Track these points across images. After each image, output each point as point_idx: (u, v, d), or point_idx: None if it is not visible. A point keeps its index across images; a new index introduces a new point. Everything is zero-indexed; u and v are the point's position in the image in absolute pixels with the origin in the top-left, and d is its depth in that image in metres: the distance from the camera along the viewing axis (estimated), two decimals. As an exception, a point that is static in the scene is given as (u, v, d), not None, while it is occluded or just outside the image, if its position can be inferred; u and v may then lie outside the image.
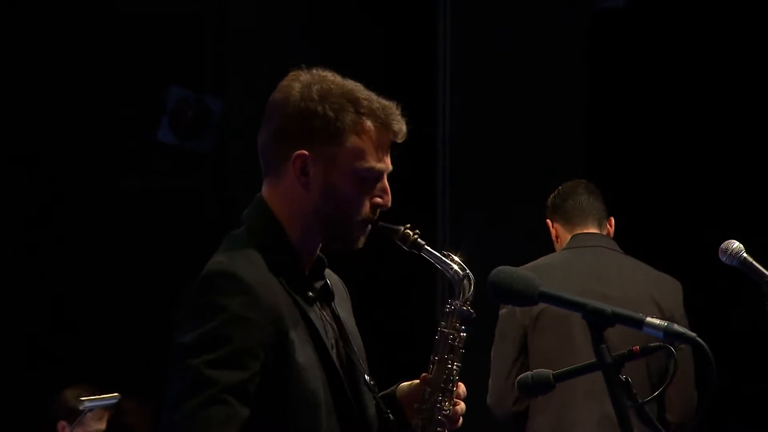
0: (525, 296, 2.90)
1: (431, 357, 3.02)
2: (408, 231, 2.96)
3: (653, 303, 5.33)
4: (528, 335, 5.48)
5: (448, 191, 7.29)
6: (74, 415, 6.77)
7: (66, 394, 6.94)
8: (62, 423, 6.92)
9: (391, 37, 7.93)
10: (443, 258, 3.03)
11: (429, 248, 3.00)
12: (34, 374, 7.74)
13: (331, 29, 8.02)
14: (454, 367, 3.00)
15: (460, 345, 3.02)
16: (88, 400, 6.49)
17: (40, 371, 7.59)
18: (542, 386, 3.24)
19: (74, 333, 8.04)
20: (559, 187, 5.86)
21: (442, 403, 2.97)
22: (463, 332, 3.02)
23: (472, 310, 3.03)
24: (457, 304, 3.02)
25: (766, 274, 3.24)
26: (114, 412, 6.88)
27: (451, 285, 3.06)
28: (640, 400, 2.82)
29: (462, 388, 3.03)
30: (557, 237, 5.78)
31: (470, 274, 3.03)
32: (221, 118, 8.12)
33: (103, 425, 6.94)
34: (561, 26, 7.31)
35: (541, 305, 5.16)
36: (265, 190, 2.98)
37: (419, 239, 2.97)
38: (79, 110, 8.20)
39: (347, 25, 8.02)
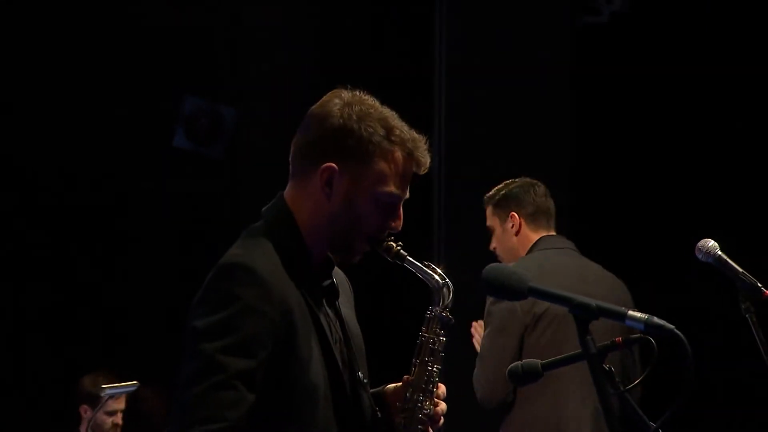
0: (516, 291, 2.93)
1: (413, 360, 3.05)
2: (391, 243, 3.01)
3: (619, 300, 5.21)
4: (526, 333, 5.34)
5: (443, 197, 7.29)
6: (96, 400, 6.83)
7: (87, 381, 7.02)
8: (84, 407, 6.96)
9: (390, 54, 7.93)
10: (424, 268, 3.06)
11: (411, 259, 3.03)
12: (58, 361, 7.73)
13: (335, 40, 8.03)
14: (434, 369, 3.04)
15: (440, 349, 3.05)
16: (109, 388, 6.53)
17: (65, 359, 7.57)
18: (531, 375, 3.25)
19: (96, 325, 8.08)
20: (517, 182, 5.53)
21: (423, 403, 3.02)
22: (443, 337, 3.06)
23: (451, 317, 3.08)
24: (437, 311, 3.05)
25: (739, 271, 3.27)
26: (132, 399, 6.89)
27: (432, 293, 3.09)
28: (622, 388, 2.83)
29: (442, 389, 3.07)
30: (518, 231, 5.42)
31: (449, 282, 3.07)
32: (233, 126, 8.13)
33: (121, 406, 7.02)
34: (547, 40, 7.31)
35: (544, 306, 5.14)
36: (288, 191, 3.02)
37: (402, 251, 3.01)
38: (99, 117, 8.24)
39: (350, 36, 8.03)
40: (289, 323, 2.83)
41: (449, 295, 3.06)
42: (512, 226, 5.34)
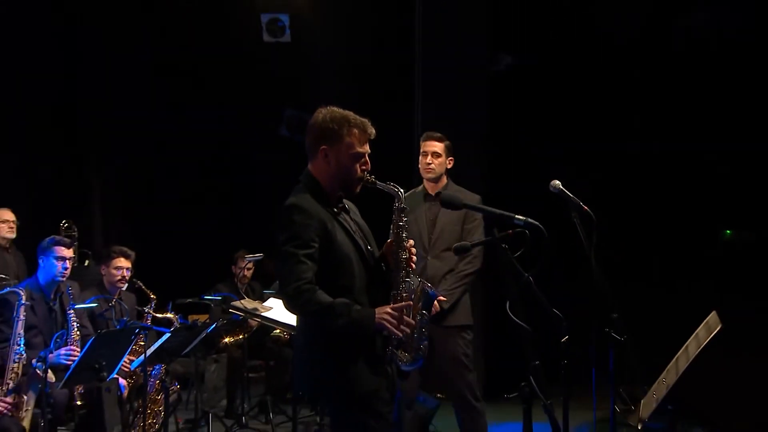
0: (456, 205, 2.99)
1: (390, 232, 3.06)
2: (368, 178, 3.02)
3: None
4: None
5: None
6: (241, 263, 6.87)
7: (238, 254, 6.96)
8: (236, 267, 7.00)
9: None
10: (387, 185, 3.05)
11: (379, 182, 3.03)
12: (227, 244, 7.44)
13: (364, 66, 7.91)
14: (403, 234, 3.03)
15: (404, 224, 3.05)
16: (249, 256, 6.61)
17: (228, 243, 7.36)
18: (464, 249, 3.31)
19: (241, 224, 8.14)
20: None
21: (401, 253, 3.01)
22: (405, 216, 3.06)
23: (405, 206, 3.06)
24: (398, 204, 3.05)
25: (570, 196, 3.24)
26: (259, 263, 6.90)
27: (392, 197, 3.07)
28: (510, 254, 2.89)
29: (410, 242, 3.06)
30: (447, 169, 4.69)
31: (401, 189, 3.06)
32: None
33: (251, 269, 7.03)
34: (466, 86, 7.02)
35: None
36: (309, 166, 3.03)
37: (374, 179, 3.02)
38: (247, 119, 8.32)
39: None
40: (324, 228, 2.89)
41: (402, 195, 3.05)
42: (449, 164, 4.66)
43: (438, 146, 4.62)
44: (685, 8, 7.20)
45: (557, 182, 3.32)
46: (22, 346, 4.45)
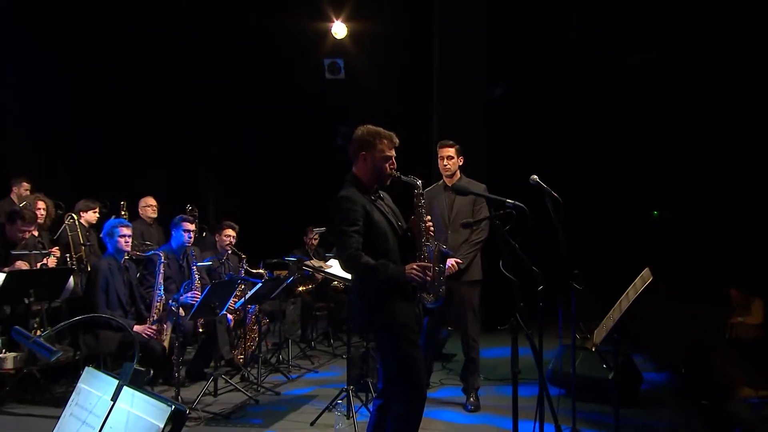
0: (463, 192, 2.92)
1: (414, 212, 2.95)
2: (395, 174, 2.91)
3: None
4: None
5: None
6: (310, 234, 6.80)
7: (308, 228, 6.88)
8: (305, 237, 6.94)
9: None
10: (410, 177, 2.96)
11: (403, 176, 2.94)
12: (296, 220, 7.37)
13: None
14: (422, 211, 2.93)
15: (423, 205, 2.94)
16: (316, 229, 6.56)
17: (298, 218, 7.27)
18: (468, 225, 3.24)
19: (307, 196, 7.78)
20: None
21: (422, 225, 2.91)
22: (423, 200, 2.95)
23: (422, 192, 2.95)
24: (417, 192, 2.94)
25: (545, 186, 3.15)
26: (322, 234, 6.80)
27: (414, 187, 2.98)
28: (503, 229, 2.72)
29: (428, 217, 2.93)
30: (460, 166, 4.37)
31: (419, 181, 2.96)
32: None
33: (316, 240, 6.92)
34: (470, 109, 6.91)
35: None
36: (353, 168, 2.92)
37: (399, 173, 2.92)
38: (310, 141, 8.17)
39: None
40: (365, 210, 2.80)
41: (422, 185, 2.96)
42: (460, 161, 4.35)
43: (451, 150, 4.38)
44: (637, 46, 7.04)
45: (535, 176, 3.24)
46: (161, 291, 4.55)
